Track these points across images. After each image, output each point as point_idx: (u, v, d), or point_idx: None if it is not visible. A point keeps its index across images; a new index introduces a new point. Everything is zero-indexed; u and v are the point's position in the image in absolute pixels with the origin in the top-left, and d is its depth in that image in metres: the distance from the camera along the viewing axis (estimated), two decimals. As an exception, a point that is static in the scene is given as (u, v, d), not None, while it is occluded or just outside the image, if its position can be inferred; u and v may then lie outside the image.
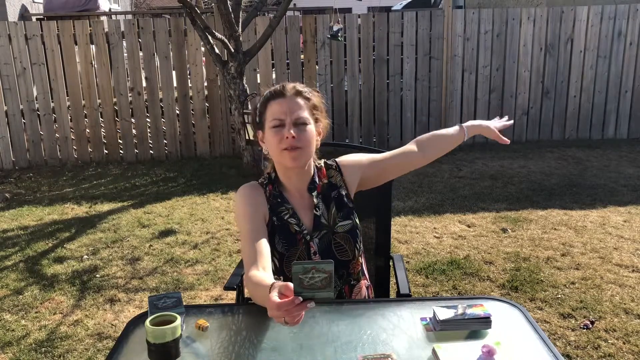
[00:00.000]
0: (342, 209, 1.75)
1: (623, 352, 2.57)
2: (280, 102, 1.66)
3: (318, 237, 1.72)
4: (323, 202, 1.74)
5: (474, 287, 3.26)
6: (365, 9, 13.27)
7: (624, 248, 3.74)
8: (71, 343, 2.81)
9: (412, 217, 4.43)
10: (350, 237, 1.74)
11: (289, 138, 1.61)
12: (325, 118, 1.77)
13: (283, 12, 5.61)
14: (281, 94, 1.67)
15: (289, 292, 1.24)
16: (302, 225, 1.71)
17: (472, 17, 6.54)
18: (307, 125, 1.66)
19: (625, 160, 5.99)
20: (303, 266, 1.19)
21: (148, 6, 17.37)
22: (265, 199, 1.72)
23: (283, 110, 1.64)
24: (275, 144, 1.65)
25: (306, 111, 1.67)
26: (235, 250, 3.91)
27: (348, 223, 1.74)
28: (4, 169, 6.35)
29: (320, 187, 1.76)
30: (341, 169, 1.80)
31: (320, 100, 1.75)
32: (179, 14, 8.81)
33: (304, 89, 1.71)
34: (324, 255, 1.71)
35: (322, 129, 1.75)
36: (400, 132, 6.76)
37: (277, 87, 1.70)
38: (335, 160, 1.82)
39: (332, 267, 1.19)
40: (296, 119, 1.64)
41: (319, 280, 1.19)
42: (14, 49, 6.14)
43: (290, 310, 1.20)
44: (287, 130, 1.62)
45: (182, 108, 6.52)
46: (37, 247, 4.06)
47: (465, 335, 1.41)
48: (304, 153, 1.66)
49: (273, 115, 1.65)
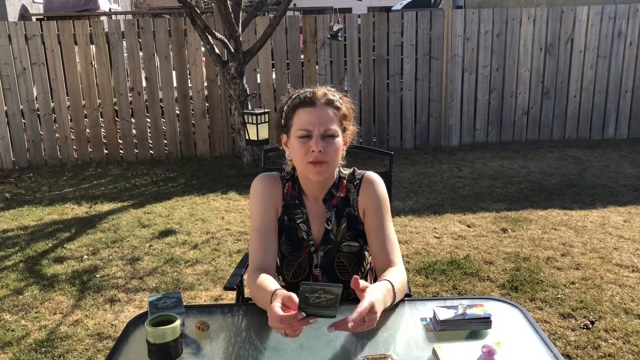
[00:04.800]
0: (353, 228, 1.69)
1: (623, 352, 2.57)
2: (310, 112, 1.57)
3: (323, 251, 1.69)
4: (336, 216, 1.69)
5: (474, 287, 3.25)
6: (365, 9, 13.25)
7: (624, 248, 3.74)
8: (71, 343, 2.80)
9: (412, 217, 4.43)
10: (355, 260, 1.70)
11: (315, 152, 1.54)
12: (353, 124, 1.68)
13: (283, 12, 5.61)
14: (311, 102, 1.58)
15: (291, 303, 1.24)
16: (310, 235, 1.69)
17: (472, 17, 6.54)
18: (335, 138, 1.58)
19: (625, 160, 5.99)
20: (312, 287, 1.20)
21: (148, 6, 17.36)
22: (282, 195, 1.69)
23: (312, 122, 1.55)
24: (300, 155, 1.58)
25: (335, 123, 1.58)
26: (235, 250, 3.91)
27: (356, 245, 1.70)
28: (4, 169, 6.35)
29: (337, 199, 1.70)
30: (361, 187, 1.69)
31: (350, 106, 1.67)
32: (179, 14, 8.81)
33: (335, 97, 1.61)
34: (325, 270, 1.70)
35: (349, 137, 1.67)
36: (400, 132, 6.76)
37: (307, 93, 1.60)
38: (363, 176, 1.71)
39: (341, 290, 1.20)
40: (325, 131, 1.55)
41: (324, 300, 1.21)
42: (14, 49, 6.14)
43: (292, 325, 1.21)
44: (315, 144, 1.54)
45: (182, 108, 6.52)
46: (37, 247, 4.06)
47: (465, 336, 1.41)
48: (330, 167, 1.59)
49: (301, 124, 1.57)
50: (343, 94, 1.68)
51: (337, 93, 1.65)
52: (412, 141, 6.80)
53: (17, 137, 6.35)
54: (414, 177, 5.54)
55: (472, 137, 6.84)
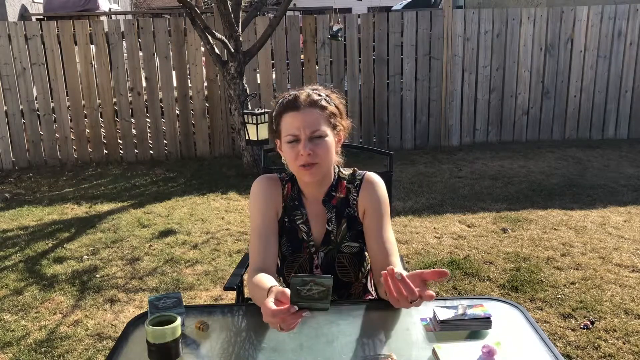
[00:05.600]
0: (353, 229, 1.69)
1: (623, 352, 2.57)
2: (294, 116, 1.56)
3: (323, 252, 1.70)
4: (336, 217, 1.69)
5: (474, 287, 3.25)
6: (365, 9, 13.25)
7: (624, 248, 3.73)
8: (71, 343, 2.80)
9: (412, 217, 4.43)
10: (355, 261, 1.71)
11: (304, 155, 1.54)
12: (345, 120, 1.66)
13: (283, 12, 5.61)
14: (294, 106, 1.56)
15: (285, 298, 1.24)
16: (310, 236, 1.69)
17: (472, 17, 6.54)
18: (324, 138, 1.56)
19: (625, 160, 5.99)
20: (302, 279, 1.19)
21: (148, 6, 17.36)
22: (282, 196, 1.69)
23: (297, 125, 1.55)
24: (291, 160, 1.58)
25: (322, 123, 1.57)
26: (235, 250, 3.91)
27: (356, 246, 1.69)
28: (4, 169, 6.35)
29: (336, 200, 1.69)
30: (361, 188, 1.68)
31: (339, 102, 1.65)
32: (179, 14, 8.81)
33: (319, 97, 1.59)
34: (325, 271, 1.70)
35: (342, 133, 1.65)
36: (400, 132, 6.76)
37: (290, 97, 1.59)
38: (363, 177, 1.70)
39: (331, 282, 1.20)
40: (311, 133, 1.55)
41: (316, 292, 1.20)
42: (14, 49, 6.14)
43: (285, 318, 1.21)
44: (303, 148, 1.54)
45: (182, 108, 6.51)
46: (37, 247, 4.06)
47: (465, 336, 1.41)
48: (322, 167, 1.59)
49: (287, 130, 1.57)
50: (331, 90, 1.66)
51: (323, 91, 1.63)
52: (412, 141, 6.80)
53: (17, 137, 6.35)
54: (414, 177, 5.53)
55: (472, 137, 6.84)
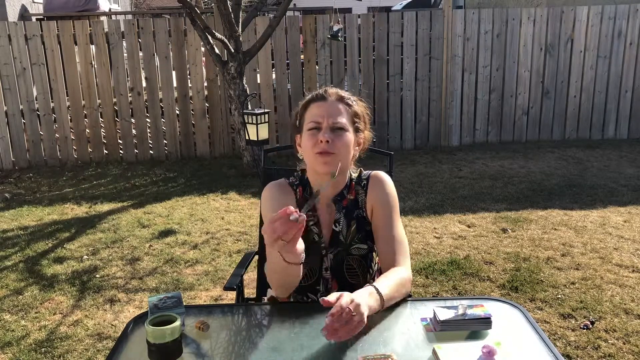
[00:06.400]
0: (362, 230, 1.69)
1: (623, 352, 2.57)
2: (320, 105, 1.61)
3: (333, 254, 1.69)
4: (345, 218, 1.68)
5: (474, 287, 3.25)
6: (365, 9, 13.25)
7: (624, 248, 3.73)
8: (71, 343, 2.80)
9: (412, 217, 4.43)
10: (364, 263, 1.70)
11: (323, 142, 1.55)
12: (369, 130, 1.69)
13: (283, 12, 5.61)
14: (322, 97, 1.63)
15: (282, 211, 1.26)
16: (321, 237, 1.68)
17: (472, 17, 6.54)
18: (345, 132, 1.59)
19: (625, 160, 5.99)
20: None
21: (148, 6, 17.36)
22: (296, 201, 1.68)
23: (321, 114, 1.59)
24: (309, 147, 1.59)
25: (345, 117, 1.61)
26: (235, 250, 3.91)
27: (364, 248, 1.69)
28: (4, 169, 6.35)
29: (347, 201, 1.69)
30: (369, 187, 1.69)
31: (364, 110, 1.68)
32: (179, 14, 8.80)
33: (348, 96, 1.65)
34: (335, 273, 1.69)
35: (364, 140, 1.67)
36: (400, 132, 6.76)
37: (320, 90, 1.66)
38: (370, 176, 1.72)
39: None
40: (333, 123, 1.58)
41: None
42: (14, 49, 6.15)
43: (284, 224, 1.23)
44: (322, 134, 1.56)
45: (182, 108, 6.52)
46: (37, 247, 4.06)
47: (465, 336, 1.41)
48: (337, 159, 1.57)
49: (311, 117, 1.61)
50: (359, 99, 1.71)
51: (353, 96, 1.68)
52: (412, 141, 6.80)
53: (17, 137, 6.35)
54: (414, 177, 5.53)
55: (472, 137, 6.84)
